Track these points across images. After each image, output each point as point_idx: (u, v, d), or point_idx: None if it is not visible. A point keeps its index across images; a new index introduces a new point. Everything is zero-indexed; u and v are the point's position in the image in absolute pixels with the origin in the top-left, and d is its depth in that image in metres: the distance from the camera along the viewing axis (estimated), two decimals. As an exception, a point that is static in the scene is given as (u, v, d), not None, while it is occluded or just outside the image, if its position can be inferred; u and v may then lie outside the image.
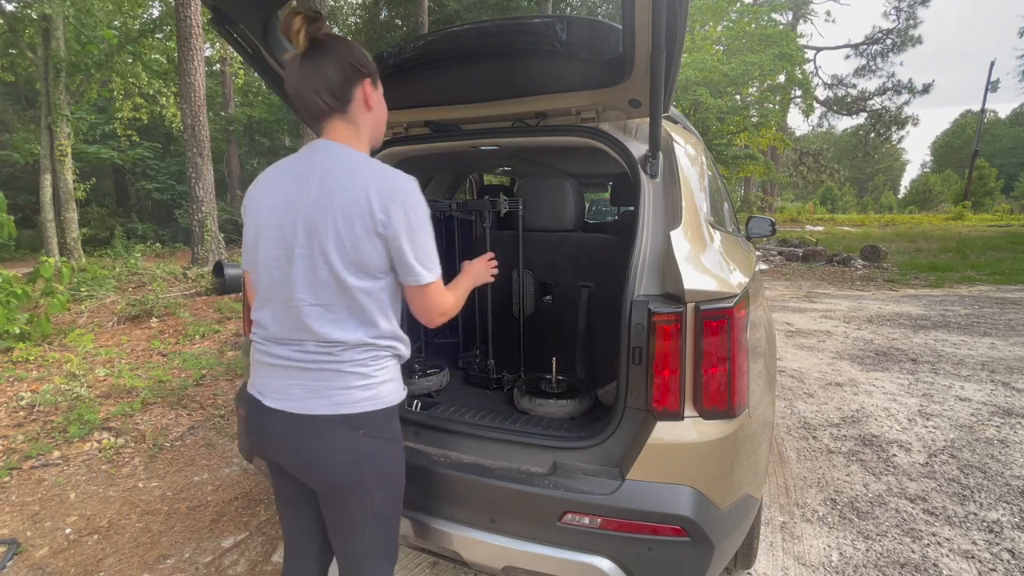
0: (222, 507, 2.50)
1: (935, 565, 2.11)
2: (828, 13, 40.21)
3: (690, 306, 1.29)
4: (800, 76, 17.52)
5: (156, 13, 13.18)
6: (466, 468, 1.45)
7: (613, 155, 1.63)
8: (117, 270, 8.33)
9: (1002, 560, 2.14)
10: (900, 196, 55.80)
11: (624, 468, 1.31)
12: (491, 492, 1.39)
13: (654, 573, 1.29)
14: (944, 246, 14.26)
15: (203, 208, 8.58)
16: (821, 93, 29.52)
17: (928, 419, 3.54)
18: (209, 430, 3.32)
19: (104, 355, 4.66)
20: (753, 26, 16.51)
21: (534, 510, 1.34)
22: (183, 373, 4.27)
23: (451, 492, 1.45)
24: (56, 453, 2.97)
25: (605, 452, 1.38)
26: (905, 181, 64.59)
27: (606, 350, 2.04)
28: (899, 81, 28.93)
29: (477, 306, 2.33)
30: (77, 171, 12.25)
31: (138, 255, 9.52)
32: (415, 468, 1.46)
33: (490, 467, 1.44)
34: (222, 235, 9.42)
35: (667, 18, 1.16)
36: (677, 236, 1.38)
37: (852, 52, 30.97)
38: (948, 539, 2.28)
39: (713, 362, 1.28)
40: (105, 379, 4.04)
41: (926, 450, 3.10)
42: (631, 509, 1.26)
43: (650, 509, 1.25)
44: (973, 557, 2.16)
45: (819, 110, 30.87)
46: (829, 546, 2.23)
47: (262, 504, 2.52)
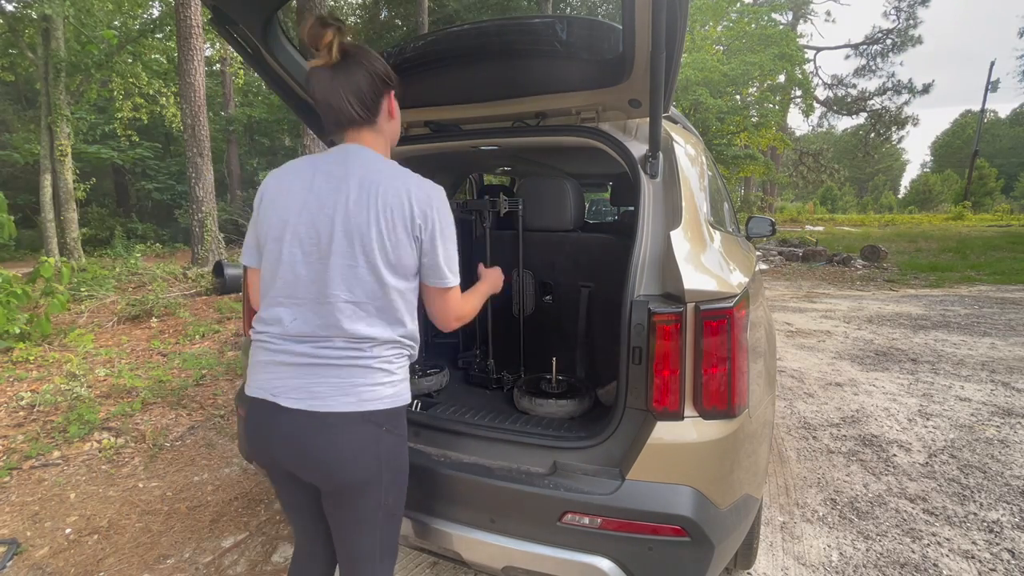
0: (222, 507, 2.50)
1: (935, 565, 2.11)
2: (828, 13, 40.23)
3: (690, 306, 1.29)
4: (800, 76, 17.52)
5: (156, 13, 13.18)
6: (466, 468, 1.45)
7: (613, 155, 1.63)
8: (117, 270, 8.32)
9: (1002, 560, 2.14)
10: (900, 196, 55.80)
11: (624, 468, 1.31)
12: (491, 492, 1.39)
13: (654, 573, 1.29)
14: (944, 246, 14.26)
15: (203, 208, 8.58)
16: (821, 93, 29.57)
17: (928, 419, 3.54)
18: (209, 430, 3.32)
19: (104, 355, 4.66)
20: (753, 26, 16.51)
21: (534, 510, 1.34)
22: (183, 373, 4.27)
23: (451, 492, 1.45)
24: (56, 453, 2.97)
25: (605, 452, 1.37)
26: (905, 181, 64.66)
27: (606, 350, 2.04)
28: (899, 81, 28.99)
29: None
30: (77, 171, 12.26)
31: (138, 255, 9.51)
32: (415, 468, 1.45)
33: (490, 467, 1.44)
34: (222, 235, 9.43)
35: (667, 18, 1.16)
36: (677, 236, 1.38)
37: (852, 52, 31.00)
38: (948, 539, 2.28)
39: (713, 362, 1.28)
40: (105, 379, 4.04)
41: (926, 450, 3.10)
42: (631, 509, 1.26)
43: (650, 509, 1.25)
44: (973, 557, 2.16)
45: (819, 110, 30.94)
46: (829, 546, 2.23)
47: (262, 504, 2.52)
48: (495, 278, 1.50)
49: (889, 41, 29.47)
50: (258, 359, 1.18)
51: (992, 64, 29.15)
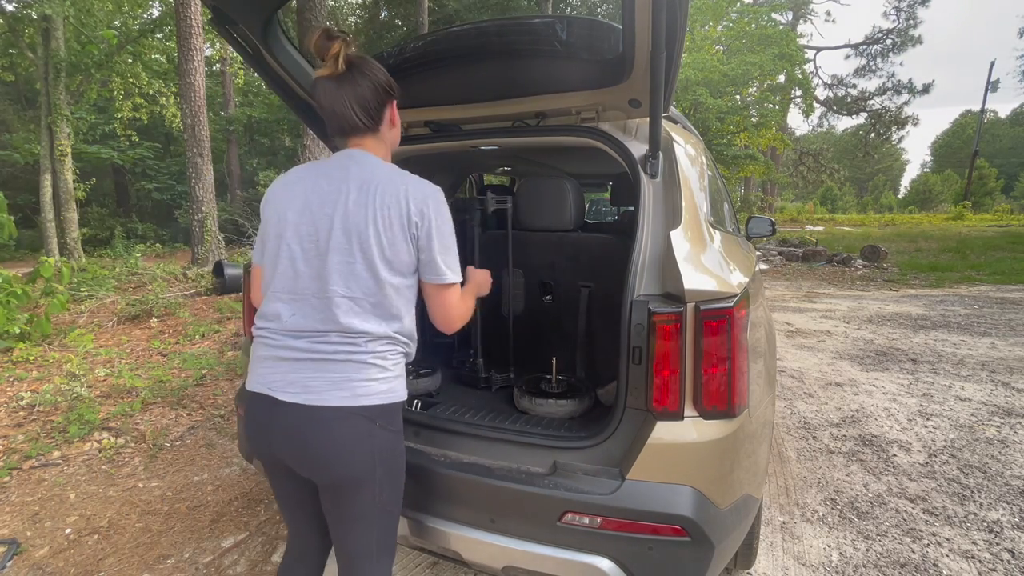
0: (222, 507, 2.50)
1: (935, 565, 2.11)
2: (828, 13, 40.26)
3: (690, 306, 1.29)
4: (800, 76, 17.53)
5: (156, 13, 13.19)
6: (466, 468, 1.45)
7: (613, 155, 1.63)
8: (117, 270, 8.32)
9: (1002, 560, 2.14)
10: (900, 196, 55.76)
11: (624, 468, 1.31)
12: (491, 492, 1.39)
13: (654, 573, 1.29)
14: (944, 246, 14.26)
15: (203, 208, 8.58)
16: (821, 93, 29.57)
17: (928, 419, 3.54)
18: (209, 430, 3.32)
19: (104, 355, 4.66)
20: (753, 26, 16.52)
21: (534, 510, 1.34)
22: (183, 373, 4.27)
23: (451, 492, 1.45)
24: (56, 453, 2.97)
25: (605, 452, 1.37)
26: (905, 181, 64.61)
27: (606, 350, 2.04)
28: (899, 81, 29.00)
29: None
30: (77, 171, 12.26)
31: (138, 255, 9.51)
32: (415, 468, 1.46)
33: (490, 467, 1.44)
34: (222, 235, 9.42)
35: (667, 18, 1.16)
36: (677, 236, 1.38)
37: (852, 52, 31.01)
38: (948, 539, 2.28)
39: (713, 362, 1.28)
40: (105, 379, 4.04)
41: (926, 450, 3.10)
42: (631, 509, 1.26)
43: (650, 509, 1.25)
44: (973, 557, 2.16)
45: (819, 110, 30.94)
46: (829, 546, 2.23)
47: (262, 504, 2.52)
48: (481, 279, 1.51)
49: (889, 41, 29.49)
50: (258, 354, 1.21)
51: (992, 64, 29.16)
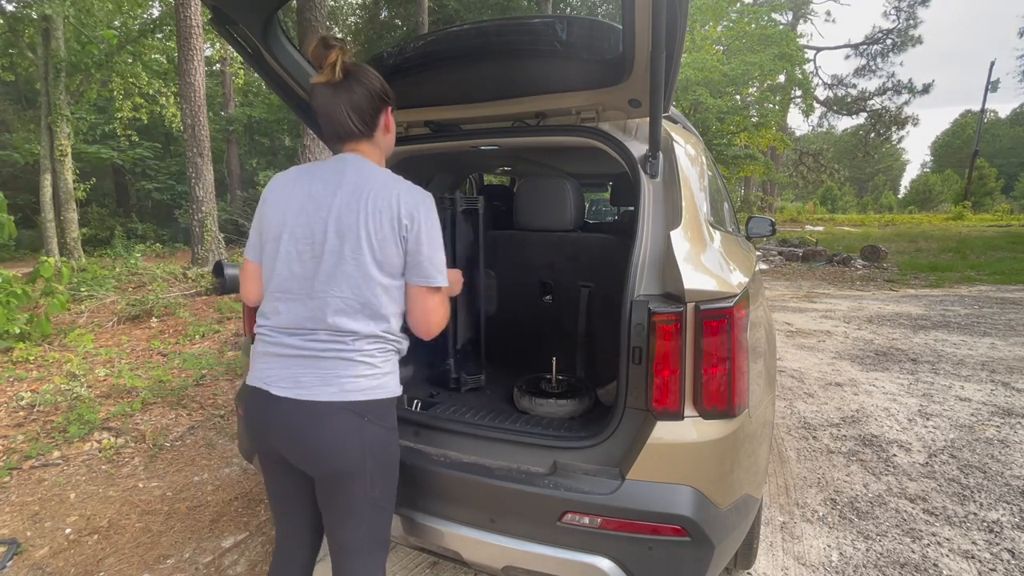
0: (222, 507, 2.50)
1: (935, 565, 2.11)
2: (828, 13, 40.25)
3: (690, 306, 1.29)
4: (800, 76, 17.53)
5: (156, 13, 13.18)
6: (466, 468, 1.45)
7: (613, 155, 1.63)
8: (117, 270, 8.31)
9: (1002, 560, 2.14)
10: (900, 196, 55.74)
11: (624, 468, 1.31)
12: (491, 492, 1.39)
13: (654, 573, 1.29)
14: (944, 246, 14.26)
15: (203, 208, 8.58)
16: (821, 93, 29.57)
17: (928, 419, 3.54)
18: (209, 430, 3.32)
19: (104, 355, 4.66)
20: (753, 26, 16.51)
21: (534, 510, 1.34)
22: (183, 373, 4.27)
23: (451, 492, 1.45)
24: (56, 453, 2.97)
25: (605, 452, 1.37)
26: (905, 181, 64.59)
27: (606, 350, 2.04)
28: (899, 81, 28.98)
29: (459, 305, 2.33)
30: (77, 171, 12.26)
31: (138, 255, 9.51)
32: (415, 468, 1.46)
33: (490, 467, 1.44)
34: (222, 235, 9.42)
35: (667, 18, 1.16)
36: (677, 236, 1.38)
37: (852, 52, 31.00)
38: (948, 539, 2.28)
39: (713, 362, 1.28)
40: (105, 379, 4.04)
41: (926, 450, 3.10)
42: (631, 509, 1.26)
43: (650, 509, 1.25)
44: (973, 557, 2.16)
45: (819, 110, 30.94)
46: (829, 546, 2.23)
47: (262, 504, 2.52)
48: (452, 278, 1.51)
49: (889, 41, 29.48)
50: (257, 350, 1.27)
51: (992, 64, 29.14)
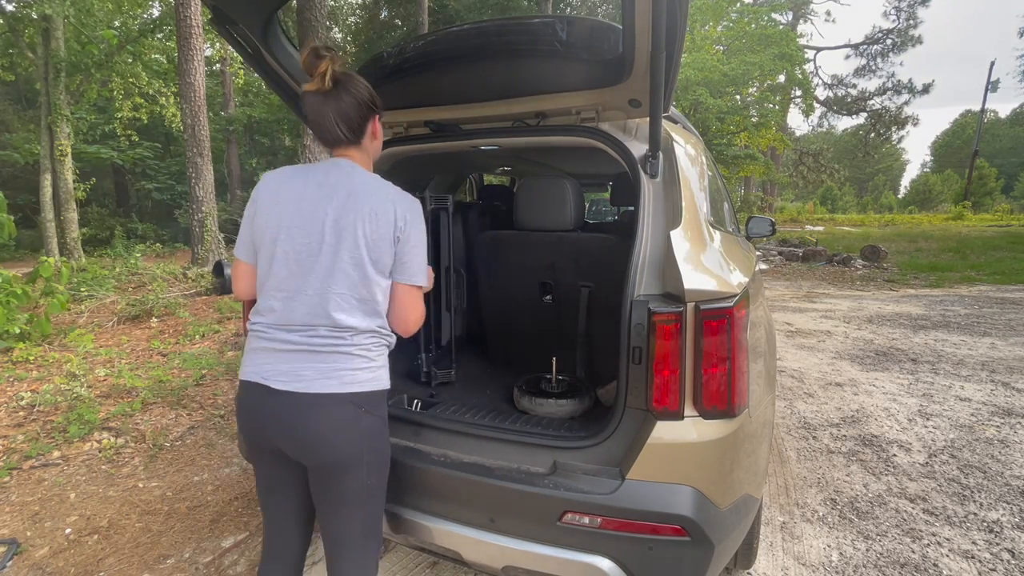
0: (222, 507, 2.50)
1: (935, 565, 2.11)
2: (828, 13, 40.24)
3: (690, 306, 1.29)
4: (800, 76, 17.51)
5: (156, 13, 13.18)
6: (466, 468, 1.45)
7: (613, 155, 1.63)
8: (117, 270, 8.32)
9: (1002, 560, 2.14)
10: (900, 196, 55.69)
11: (624, 468, 1.31)
12: (491, 492, 1.39)
13: (654, 573, 1.29)
14: (944, 246, 14.26)
15: (203, 208, 8.58)
16: (821, 93, 29.56)
17: (928, 419, 3.54)
18: (209, 430, 3.32)
19: (104, 355, 4.66)
20: (753, 26, 16.51)
21: (534, 510, 1.34)
22: (183, 373, 4.27)
23: (451, 492, 1.45)
24: (56, 453, 2.97)
25: (605, 452, 1.38)
26: (905, 181, 64.53)
27: (606, 350, 2.04)
28: (899, 81, 28.95)
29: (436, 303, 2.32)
30: (77, 171, 12.26)
31: (138, 255, 9.51)
32: (415, 468, 1.46)
33: (490, 467, 1.44)
34: (222, 235, 9.42)
35: (667, 18, 1.16)
36: (677, 236, 1.38)
37: (852, 52, 30.99)
38: (948, 539, 2.28)
39: (713, 362, 1.28)
40: (105, 379, 4.04)
41: (926, 450, 3.10)
42: (631, 509, 1.26)
43: (650, 509, 1.26)
44: (973, 557, 2.16)
45: (819, 110, 30.93)
46: (829, 546, 2.23)
47: (262, 504, 2.52)
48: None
49: (889, 41, 29.47)
50: (252, 346, 1.29)
51: (992, 64, 29.10)
